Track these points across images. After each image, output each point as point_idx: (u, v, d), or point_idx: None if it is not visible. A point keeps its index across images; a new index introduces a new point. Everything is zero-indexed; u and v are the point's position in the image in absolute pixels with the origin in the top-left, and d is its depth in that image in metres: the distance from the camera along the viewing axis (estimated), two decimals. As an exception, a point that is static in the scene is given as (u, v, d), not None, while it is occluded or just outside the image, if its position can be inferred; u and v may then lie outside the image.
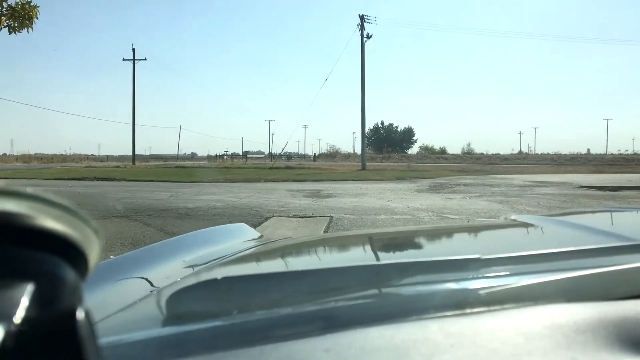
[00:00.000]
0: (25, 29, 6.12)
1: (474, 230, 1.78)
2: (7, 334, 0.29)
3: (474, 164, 52.98)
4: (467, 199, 12.31)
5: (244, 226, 1.82)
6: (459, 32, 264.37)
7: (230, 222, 7.93)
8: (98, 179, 21.41)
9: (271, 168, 34.95)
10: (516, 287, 0.69)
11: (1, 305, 0.30)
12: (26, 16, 5.94)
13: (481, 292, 0.69)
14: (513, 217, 1.66)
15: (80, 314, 0.34)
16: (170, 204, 10.61)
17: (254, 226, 7.22)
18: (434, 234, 1.69)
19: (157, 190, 14.62)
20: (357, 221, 8.06)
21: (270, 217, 8.53)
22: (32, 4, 6.04)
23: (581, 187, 16.86)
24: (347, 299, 0.68)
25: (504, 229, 1.59)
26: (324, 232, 6.90)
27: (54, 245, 0.34)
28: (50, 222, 0.33)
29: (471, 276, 0.78)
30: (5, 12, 5.84)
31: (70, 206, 0.35)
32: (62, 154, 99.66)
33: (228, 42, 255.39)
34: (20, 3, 5.99)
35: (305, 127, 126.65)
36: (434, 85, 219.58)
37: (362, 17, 38.63)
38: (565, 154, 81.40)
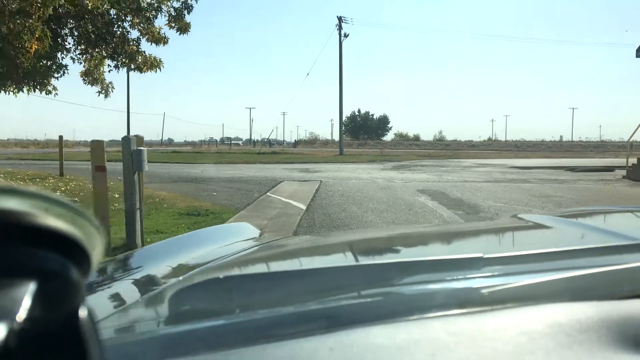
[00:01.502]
0: (152, 70, 10.83)
1: (477, 229, 1.75)
2: (10, 333, 0.29)
3: (442, 150, 58.24)
4: (415, 173, 17.27)
5: (245, 225, 1.84)
6: (434, 32, 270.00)
7: (260, 183, 12.67)
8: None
9: (258, 153, 39.48)
10: (518, 286, 0.69)
11: (4, 304, 0.30)
12: (157, 66, 10.67)
13: (483, 291, 0.68)
14: (517, 216, 1.65)
15: (83, 313, 0.34)
16: (208, 176, 15.28)
17: (273, 186, 12.04)
18: (437, 234, 1.67)
19: (185, 169, 19.25)
20: (336, 183, 12.87)
21: (282, 181, 13.30)
22: (159, 59, 10.78)
23: (509, 167, 21.97)
24: (349, 297, 0.69)
25: (507, 227, 1.58)
26: (317, 190, 11.54)
27: (57, 244, 0.34)
28: (53, 221, 0.33)
29: (473, 275, 0.77)
30: (145, 63, 10.54)
31: (73, 205, 0.36)
32: (35, 139, 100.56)
33: (208, 28, 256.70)
34: (153, 57, 10.70)
35: (284, 113, 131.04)
36: (410, 75, 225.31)
37: (339, 18, 43.41)
38: (529, 141, 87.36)
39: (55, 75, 10.18)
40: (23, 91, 10.61)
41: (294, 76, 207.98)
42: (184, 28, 10.38)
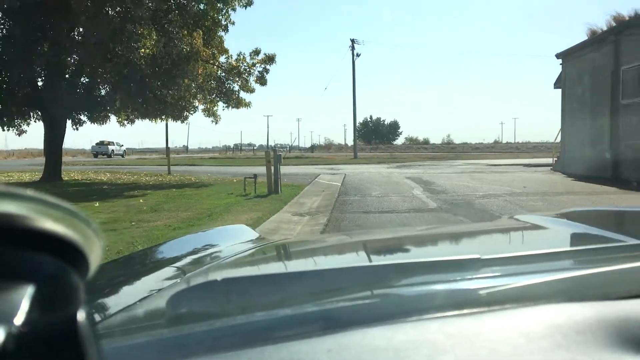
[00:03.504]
0: (244, 108, 17.98)
1: (475, 230, 1.76)
2: (8, 336, 0.29)
3: (447, 153, 65.18)
4: (410, 169, 24.30)
5: (243, 227, 1.84)
6: (443, 50, 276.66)
7: (306, 175, 19.66)
8: (187, 164, 33.22)
9: (284, 158, 46.52)
10: (516, 287, 0.70)
11: (2, 308, 0.30)
12: (248, 105, 17.86)
13: (481, 292, 0.69)
14: (515, 217, 1.65)
15: (81, 316, 0.34)
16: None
17: (316, 177, 19.28)
18: (434, 235, 1.69)
19: (245, 170, 26.39)
20: (355, 175, 19.91)
21: (320, 174, 20.37)
22: (249, 101, 17.96)
23: (485, 165, 28.85)
24: (347, 299, 0.69)
25: (505, 228, 1.60)
26: (344, 178, 18.45)
27: (55, 247, 0.34)
28: (50, 224, 0.33)
29: (471, 276, 0.77)
30: (241, 104, 17.73)
31: (71, 208, 0.35)
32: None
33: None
34: (245, 100, 17.88)
35: (299, 120, 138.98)
36: (420, 81, 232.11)
37: (352, 40, 50.61)
38: (532, 143, 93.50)
39: (191, 112, 17.42)
40: (162, 120, 17.86)
41: (307, 82, 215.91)
42: (263, 82, 17.53)
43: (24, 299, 0.31)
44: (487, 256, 0.83)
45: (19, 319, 0.30)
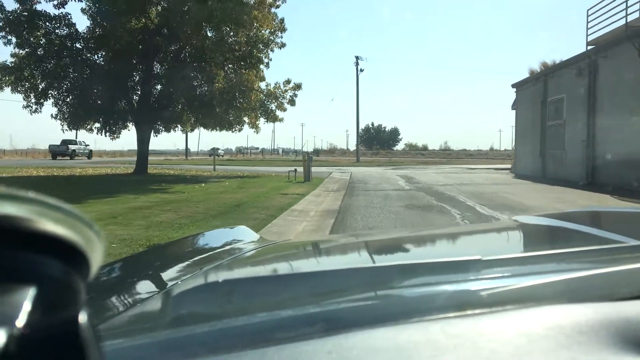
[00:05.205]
0: (274, 122, 24.40)
1: (476, 231, 1.78)
2: (10, 338, 0.29)
3: (442, 158, 71.24)
4: (402, 170, 30.69)
5: (244, 228, 1.85)
6: (445, 63, 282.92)
7: (322, 173, 26.01)
8: (217, 165, 39.66)
9: (294, 160, 52.84)
10: (517, 288, 0.70)
11: (3, 310, 0.30)
12: (280, 120, 24.27)
13: (482, 293, 0.69)
14: (514, 218, 1.66)
15: (82, 317, 0.34)
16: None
17: (329, 174, 26.10)
18: (435, 237, 1.70)
19: (271, 169, 32.75)
20: (359, 173, 26.31)
21: (332, 173, 26.73)
22: (282, 117, 24.39)
23: (465, 168, 35.22)
24: (349, 300, 0.70)
25: (506, 230, 1.61)
26: (350, 175, 24.77)
27: (56, 249, 0.34)
28: (51, 226, 0.33)
29: (472, 277, 0.77)
30: (272, 119, 24.11)
31: (72, 210, 0.35)
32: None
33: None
34: (278, 116, 24.30)
35: (302, 125, 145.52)
36: (422, 90, 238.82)
37: (357, 57, 57.11)
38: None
39: (242, 126, 23.86)
40: (217, 130, 24.33)
41: (311, 88, 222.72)
42: (293, 104, 23.93)
43: (25, 301, 0.31)
44: (489, 257, 0.84)
45: (20, 321, 0.30)
